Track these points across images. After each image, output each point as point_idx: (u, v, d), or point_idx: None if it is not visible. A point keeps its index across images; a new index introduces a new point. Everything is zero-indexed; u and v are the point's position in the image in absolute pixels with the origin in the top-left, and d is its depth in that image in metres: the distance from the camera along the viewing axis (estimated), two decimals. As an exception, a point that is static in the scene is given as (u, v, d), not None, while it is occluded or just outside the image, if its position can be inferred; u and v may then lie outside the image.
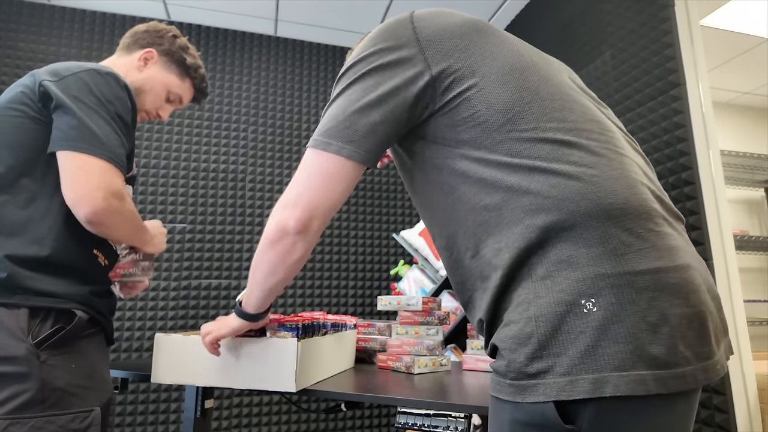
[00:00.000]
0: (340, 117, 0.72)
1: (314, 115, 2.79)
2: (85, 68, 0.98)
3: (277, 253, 0.78)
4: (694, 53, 1.69)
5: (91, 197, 0.89)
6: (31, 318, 0.87)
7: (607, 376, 0.56)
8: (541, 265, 0.62)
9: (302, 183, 0.74)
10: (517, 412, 0.61)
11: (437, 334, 1.59)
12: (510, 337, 0.63)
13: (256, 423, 2.37)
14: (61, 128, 0.91)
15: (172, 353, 1.18)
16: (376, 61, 0.72)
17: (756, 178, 3.30)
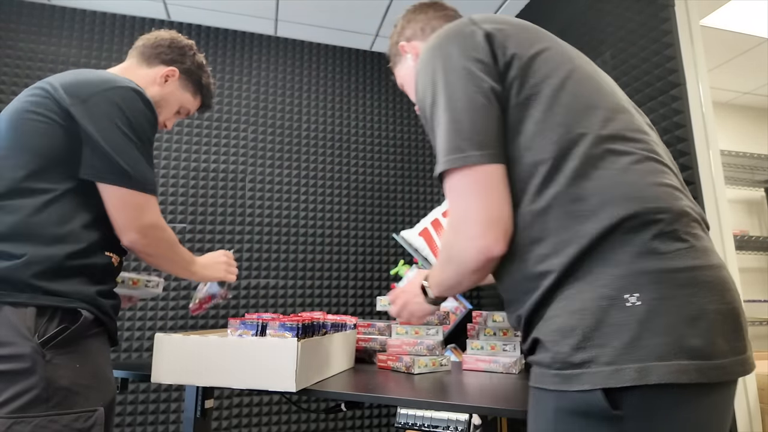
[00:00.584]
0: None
1: (314, 115, 2.80)
2: (111, 86, 0.99)
3: (478, 279, 0.81)
4: (694, 53, 1.69)
5: (132, 232, 0.99)
6: (38, 317, 0.87)
7: (651, 366, 0.59)
8: (584, 263, 0.66)
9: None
10: (562, 400, 0.65)
11: (437, 334, 1.59)
12: (554, 330, 0.66)
13: (256, 423, 2.37)
14: (95, 157, 0.96)
15: (173, 353, 1.18)
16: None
17: (756, 178, 3.30)
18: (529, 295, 0.72)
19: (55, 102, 0.96)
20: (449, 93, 0.75)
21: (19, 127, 0.95)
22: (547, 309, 0.69)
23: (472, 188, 0.72)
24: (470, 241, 0.72)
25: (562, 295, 0.67)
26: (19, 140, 0.95)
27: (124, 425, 2.21)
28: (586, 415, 0.62)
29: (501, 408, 1.06)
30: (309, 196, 2.69)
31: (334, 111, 2.84)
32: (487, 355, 1.58)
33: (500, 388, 1.28)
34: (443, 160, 0.73)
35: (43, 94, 0.97)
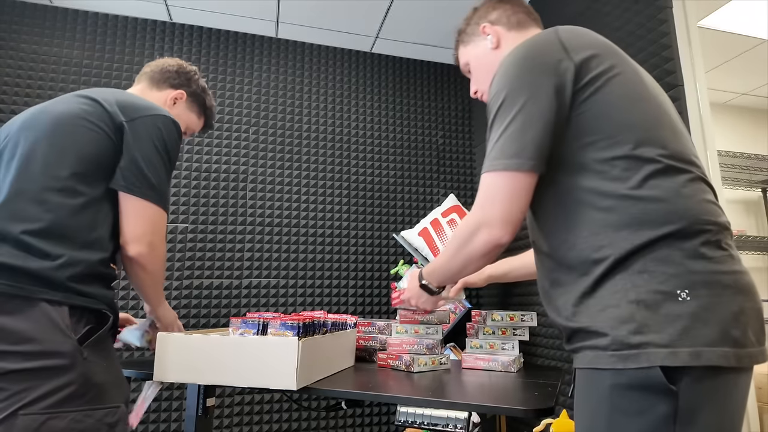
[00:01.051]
0: None
1: (315, 116, 2.81)
2: (156, 112, 1.11)
3: (482, 265, 0.95)
4: (691, 54, 1.70)
5: (141, 243, 1.06)
6: (71, 316, 0.91)
7: (701, 350, 0.71)
8: (638, 261, 0.77)
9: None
10: (618, 377, 0.74)
11: (437, 333, 1.61)
12: (612, 318, 0.76)
13: (257, 421, 2.39)
14: (129, 170, 1.05)
15: (175, 352, 1.19)
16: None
17: (753, 178, 3.32)
18: (581, 278, 0.82)
19: (109, 116, 1.05)
20: (523, 101, 0.83)
21: (69, 130, 1.02)
22: (597, 297, 0.79)
23: (510, 190, 0.84)
24: (488, 233, 0.87)
25: (615, 287, 0.77)
26: (67, 141, 1.01)
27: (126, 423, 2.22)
28: (643, 389, 0.72)
29: (500, 406, 1.07)
30: (309, 196, 2.70)
31: (334, 112, 2.85)
32: (486, 353, 1.59)
33: (499, 387, 1.30)
34: (500, 162, 0.84)
35: (97, 106, 1.06)
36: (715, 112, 3.53)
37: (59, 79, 2.45)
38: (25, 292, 0.88)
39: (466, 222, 0.91)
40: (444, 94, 3.09)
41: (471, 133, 3.10)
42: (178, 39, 2.66)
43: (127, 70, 2.55)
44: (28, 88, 2.40)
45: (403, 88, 3.02)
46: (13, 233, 0.92)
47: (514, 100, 0.85)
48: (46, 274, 0.91)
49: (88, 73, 2.49)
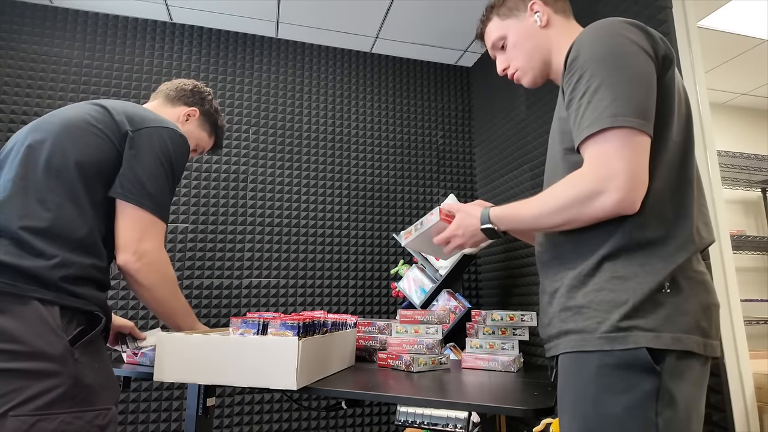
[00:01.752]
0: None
1: (315, 117, 2.81)
2: (164, 125, 1.13)
3: (578, 225, 0.87)
4: (691, 55, 1.70)
5: (128, 252, 1.05)
6: (62, 317, 0.91)
7: (680, 336, 0.79)
8: (643, 255, 0.83)
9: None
10: (606, 358, 0.80)
11: (437, 332, 1.61)
12: (607, 301, 0.82)
13: (257, 421, 2.39)
14: (127, 178, 1.05)
15: (175, 352, 1.20)
16: None
17: (753, 178, 3.32)
18: (585, 258, 0.87)
19: (116, 124, 1.07)
20: (630, 64, 0.83)
21: (74, 133, 1.03)
22: (595, 279, 0.85)
23: (635, 149, 0.80)
24: (616, 192, 0.79)
25: (614, 273, 0.83)
26: (70, 144, 1.02)
27: (127, 423, 2.22)
28: (629, 368, 0.78)
29: (500, 406, 1.07)
30: (309, 196, 2.70)
31: (334, 112, 2.86)
32: (485, 353, 1.59)
33: (499, 386, 1.30)
34: (618, 118, 0.79)
35: (105, 113, 1.08)
36: (715, 112, 3.53)
37: (59, 79, 2.45)
38: (18, 290, 0.88)
39: (582, 179, 0.83)
40: (444, 94, 3.09)
41: (471, 133, 3.10)
42: (179, 39, 2.66)
43: (127, 71, 2.55)
44: (28, 88, 2.40)
45: (403, 88, 3.02)
46: (11, 229, 0.93)
47: (626, 62, 0.83)
48: (40, 273, 0.90)
49: (88, 73, 2.49)
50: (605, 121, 0.79)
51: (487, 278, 2.80)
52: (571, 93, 0.87)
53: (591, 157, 0.82)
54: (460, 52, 2.99)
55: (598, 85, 0.82)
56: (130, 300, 2.34)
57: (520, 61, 1.10)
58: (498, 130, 2.77)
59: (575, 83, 0.86)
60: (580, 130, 0.84)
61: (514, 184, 2.56)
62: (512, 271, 2.52)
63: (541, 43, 1.07)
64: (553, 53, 1.07)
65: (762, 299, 3.11)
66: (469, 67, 3.16)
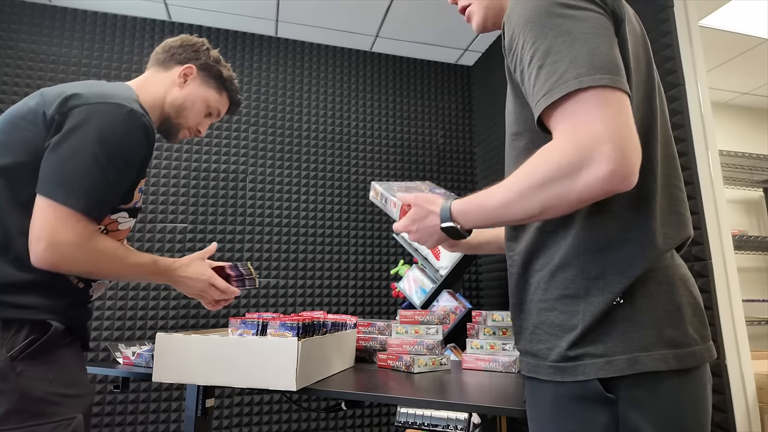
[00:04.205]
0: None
1: (314, 116, 2.80)
2: (102, 101, 0.94)
3: (565, 212, 0.70)
4: (692, 54, 1.70)
5: (39, 246, 0.88)
6: (4, 330, 0.85)
7: (638, 356, 0.67)
8: (596, 265, 0.71)
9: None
10: (559, 389, 0.72)
11: (437, 333, 1.60)
12: (557, 324, 0.73)
13: (256, 422, 2.38)
14: (44, 168, 0.90)
15: (174, 352, 1.19)
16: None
17: (754, 178, 3.31)
18: (545, 262, 0.76)
19: (42, 111, 0.93)
20: (581, 17, 0.68)
21: (4, 132, 0.95)
22: (548, 293, 0.74)
23: (616, 108, 0.63)
24: (605, 163, 0.61)
25: (565, 289, 0.72)
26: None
27: (125, 424, 2.21)
28: (583, 400, 0.69)
29: (500, 407, 1.06)
30: (309, 196, 2.70)
31: (334, 111, 2.85)
32: (486, 354, 1.59)
33: (500, 387, 1.29)
34: (584, 78, 0.63)
35: (38, 100, 0.95)
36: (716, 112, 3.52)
37: (58, 78, 2.44)
38: None
39: (556, 152, 0.65)
40: (444, 93, 3.09)
41: (471, 133, 3.09)
42: (178, 38, 2.65)
43: (126, 69, 2.54)
44: (27, 87, 2.39)
45: (403, 87, 3.01)
46: None
47: (573, 13, 0.68)
48: None
49: (87, 72, 2.49)
50: (570, 84, 0.63)
51: (488, 278, 2.79)
52: (518, 64, 0.72)
53: (562, 127, 0.65)
54: (460, 51, 2.98)
55: (549, 45, 0.67)
56: (117, 310, 2.33)
57: (482, 18, 0.93)
58: (499, 130, 2.76)
59: (521, 51, 0.71)
60: (537, 100, 0.67)
61: (514, 183, 2.55)
62: (513, 271, 2.51)
63: None
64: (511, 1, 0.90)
65: (764, 299, 3.11)
66: (470, 66, 3.15)
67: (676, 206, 0.77)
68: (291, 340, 1.14)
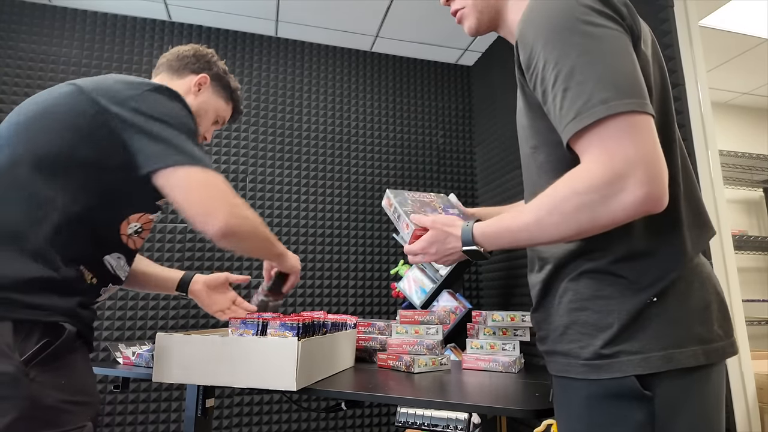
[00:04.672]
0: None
1: (314, 116, 2.80)
2: (150, 86, 0.97)
3: (605, 224, 0.69)
4: (692, 54, 1.70)
5: (220, 211, 0.93)
6: (16, 333, 0.80)
7: (672, 353, 0.70)
8: (631, 270, 0.73)
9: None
10: (593, 387, 0.73)
11: (437, 333, 1.60)
12: (590, 323, 0.74)
13: (256, 422, 2.38)
14: (151, 147, 0.91)
15: (174, 352, 1.19)
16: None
17: (755, 178, 3.31)
18: (575, 267, 0.77)
19: (90, 108, 0.93)
20: (600, 34, 0.68)
21: (37, 122, 0.93)
22: (577, 294, 0.76)
23: (645, 133, 0.65)
24: (639, 186, 0.63)
25: (598, 291, 0.74)
26: (31, 135, 0.92)
27: (125, 424, 2.21)
28: (619, 398, 0.70)
29: (500, 407, 1.06)
30: (309, 196, 2.70)
31: (334, 111, 2.85)
32: (486, 354, 1.58)
33: (500, 387, 1.29)
34: (613, 104, 0.64)
35: (76, 97, 0.94)
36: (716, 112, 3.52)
37: (58, 78, 2.44)
38: None
39: (590, 177, 0.66)
40: (444, 93, 3.09)
41: (471, 133, 3.09)
42: (177, 38, 2.65)
43: (126, 70, 2.54)
44: (27, 87, 2.39)
45: (403, 87, 3.01)
46: None
47: (595, 31, 0.68)
48: None
49: (87, 72, 2.49)
50: (598, 110, 0.65)
51: (488, 278, 2.79)
52: (539, 83, 0.72)
53: (595, 152, 0.66)
54: (460, 51, 2.98)
55: (572, 65, 0.67)
56: (117, 310, 2.33)
57: (478, 24, 0.92)
58: (499, 130, 2.76)
59: (542, 70, 0.71)
60: (565, 125, 0.68)
61: (515, 183, 2.55)
62: (513, 272, 2.51)
63: None
64: (509, 7, 0.89)
65: (764, 299, 3.10)
66: (470, 66, 3.15)
67: (698, 207, 0.79)
68: (291, 340, 1.14)
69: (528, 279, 0.91)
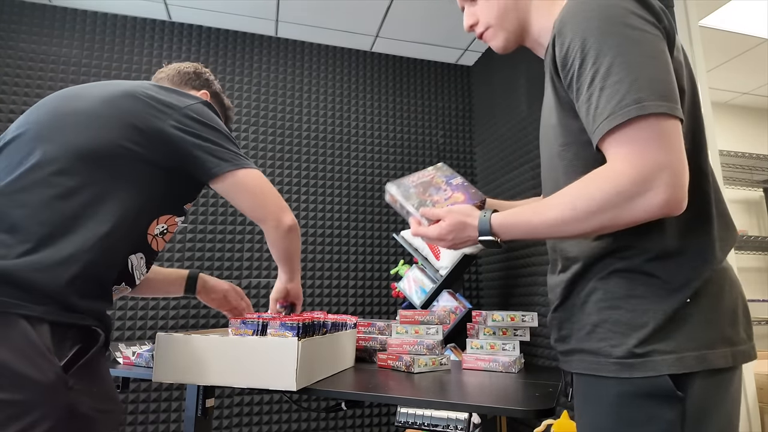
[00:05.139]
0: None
1: (314, 116, 2.80)
2: (197, 100, 1.06)
3: (627, 223, 0.71)
4: (692, 54, 1.70)
5: (286, 210, 1.07)
6: (54, 336, 0.77)
7: (705, 353, 0.70)
8: (663, 270, 0.73)
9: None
10: (623, 385, 0.73)
11: (437, 333, 1.60)
12: (623, 322, 0.74)
13: (257, 422, 2.38)
14: (212, 152, 1.00)
15: (174, 353, 1.19)
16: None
17: (755, 178, 3.31)
18: (604, 266, 0.77)
19: (143, 115, 1.00)
20: (641, 39, 0.70)
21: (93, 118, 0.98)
22: (608, 292, 0.76)
23: (672, 138, 0.67)
24: (665, 189, 0.66)
25: (631, 290, 0.74)
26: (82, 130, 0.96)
27: (126, 424, 2.21)
28: (651, 397, 0.71)
29: (500, 407, 1.06)
30: (309, 196, 2.70)
31: (334, 111, 2.85)
32: (486, 354, 1.59)
33: (500, 387, 1.29)
34: (646, 104, 0.66)
35: (136, 101, 1.00)
36: (717, 112, 3.52)
37: (58, 78, 2.44)
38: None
39: (618, 177, 0.68)
40: (444, 93, 3.09)
41: (472, 133, 3.09)
42: (177, 38, 2.65)
43: (126, 70, 2.55)
44: (27, 87, 2.39)
45: (403, 87, 3.01)
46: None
47: (633, 34, 0.70)
48: (29, 278, 0.77)
49: (87, 73, 2.49)
50: (631, 109, 0.66)
51: (488, 278, 2.79)
52: (574, 81, 0.74)
53: (624, 151, 0.68)
54: (460, 51, 2.98)
55: (609, 65, 0.69)
56: (117, 310, 2.33)
57: (491, 18, 0.93)
58: (499, 130, 2.76)
59: (578, 69, 0.72)
60: (598, 124, 0.70)
61: (515, 183, 2.55)
62: (513, 272, 2.51)
63: (522, 1, 0.91)
64: (532, 15, 0.90)
65: (764, 299, 3.10)
66: (470, 66, 3.15)
67: (723, 209, 0.80)
68: (291, 340, 1.15)
69: (548, 280, 0.91)
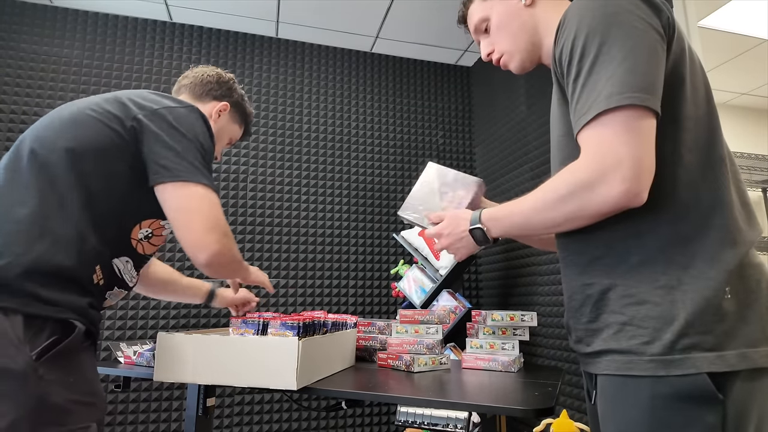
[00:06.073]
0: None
1: (315, 116, 2.81)
2: (181, 104, 1.03)
3: (585, 224, 0.76)
4: (691, 54, 1.70)
5: (204, 244, 0.97)
6: (26, 327, 0.80)
7: (746, 352, 0.67)
8: (683, 255, 0.71)
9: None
10: (659, 385, 0.69)
11: (437, 333, 1.61)
12: (652, 316, 0.71)
13: (257, 421, 2.39)
14: (160, 159, 0.94)
15: (175, 352, 1.19)
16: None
17: (754, 178, 3.31)
18: (621, 258, 0.75)
19: (126, 117, 0.98)
20: (627, 35, 0.72)
21: (77, 121, 0.98)
22: (633, 288, 0.73)
23: (637, 131, 0.69)
24: (621, 182, 0.68)
25: (655, 281, 0.72)
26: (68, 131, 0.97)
27: (126, 423, 2.22)
28: (690, 399, 0.67)
29: (500, 406, 1.07)
30: (309, 196, 2.70)
31: (334, 112, 2.85)
32: (486, 353, 1.59)
33: (499, 387, 1.30)
34: (613, 98, 0.69)
35: (113, 104, 1.00)
36: (716, 112, 3.52)
37: (59, 78, 2.45)
38: None
39: (579, 170, 0.73)
40: (444, 94, 3.09)
41: (471, 133, 3.10)
42: (178, 39, 2.66)
43: (127, 70, 2.55)
44: (28, 87, 2.39)
45: (403, 88, 3.02)
46: None
47: (621, 31, 0.72)
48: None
49: (88, 73, 2.49)
50: (600, 104, 0.69)
51: (488, 278, 2.80)
52: (568, 80, 0.78)
53: (588, 145, 0.72)
54: (460, 52, 2.98)
55: (591, 63, 0.72)
56: (118, 310, 2.34)
57: (505, 44, 1.00)
58: (498, 130, 2.77)
59: (567, 65, 0.77)
60: (577, 119, 0.74)
61: (514, 183, 2.56)
62: (513, 271, 2.52)
63: (527, 22, 0.96)
64: (541, 33, 0.96)
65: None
66: (470, 66, 3.16)
67: (745, 198, 0.78)
68: (292, 339, 1.15)
69: (563, 280, 0.90)
